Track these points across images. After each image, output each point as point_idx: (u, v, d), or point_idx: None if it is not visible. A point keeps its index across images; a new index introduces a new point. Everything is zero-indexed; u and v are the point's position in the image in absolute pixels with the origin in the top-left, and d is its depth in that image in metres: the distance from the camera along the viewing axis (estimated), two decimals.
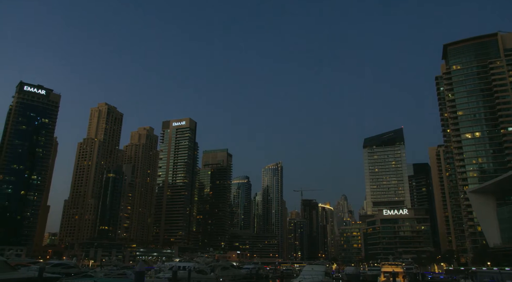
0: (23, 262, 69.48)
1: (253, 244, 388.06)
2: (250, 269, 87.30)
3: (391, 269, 75.56)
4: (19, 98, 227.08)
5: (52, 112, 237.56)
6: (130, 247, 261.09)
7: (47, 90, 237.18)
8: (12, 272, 30.22)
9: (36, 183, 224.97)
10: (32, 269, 45.21)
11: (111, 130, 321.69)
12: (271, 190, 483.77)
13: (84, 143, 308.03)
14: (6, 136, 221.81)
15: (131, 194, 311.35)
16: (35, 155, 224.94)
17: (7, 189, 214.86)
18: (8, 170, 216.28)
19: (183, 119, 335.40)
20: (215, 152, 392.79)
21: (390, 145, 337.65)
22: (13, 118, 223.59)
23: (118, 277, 47.04)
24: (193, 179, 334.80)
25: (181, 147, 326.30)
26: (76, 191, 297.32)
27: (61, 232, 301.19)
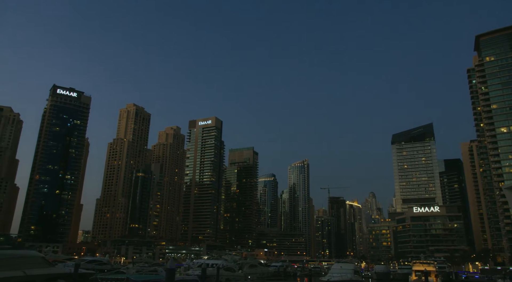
0: (59, 258, 72.08)
1: (280, 242, 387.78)
2: (278, 267, 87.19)
3: (423, 268, 73.75)
4: (52, 101, 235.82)
5: (84, 113, 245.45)
6: (159, 244, 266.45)
7: (78, 93, 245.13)
8: (50, 268, 31.37)
9: (70, 183, 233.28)
10: (68, 265, 46.86)
11: (139, 130, 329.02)
12: (297, 188, 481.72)
13: (114, 143, 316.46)
14: (42, 137, 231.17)
15: (160, 193, 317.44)
16: (69, 156, 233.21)
17: (43, 189, 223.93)
18: (44, 170, 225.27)
19: (209, 118, 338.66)
20: (241, 150, 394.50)
21: (420, 141, 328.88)
22: (48, 120, 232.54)
23: (150, 273, 48.07)
24: (219, 178, 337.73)
25: (208, 146, 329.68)
26: (107, 190, 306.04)
27: (94, 229, 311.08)
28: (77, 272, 33.85)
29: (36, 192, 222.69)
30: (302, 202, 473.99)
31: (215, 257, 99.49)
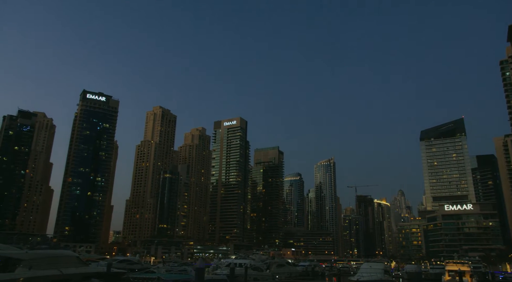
0: (92, 258, 74.14)
1: (307, 241, 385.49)
2: (306, 266, 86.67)
3: (456, 267, 71.49)
4: (83, 105, 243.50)
5: (112, 117, 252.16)
6: (187, 244, 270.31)
7: (106, 97, 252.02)
8: (85, 267, 32.46)
9: (101, 185, 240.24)
10: (101, 264, 48.25)
11: (166, 132, 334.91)
12: (324, 187, 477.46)
13: (141, 146, 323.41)
14: (73, 141, 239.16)
15: (187, 194, 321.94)
16: (99, 158, 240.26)
17: (75, 191, 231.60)
18: (76, 173, 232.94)
19: (234, 119, 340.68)
20: (267, 150, 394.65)
21: (450, 137, 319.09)
22: (78, 124, 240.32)
23: (179, 273, 48.80)
24: (245, 177, 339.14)
25: (233, 146, 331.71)
26: (136, 191, 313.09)
27: (124, 230, 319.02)
28: (110, 271, 34.86)
29: (69, 194, 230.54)
30: (328, 201, 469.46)
31: (242, 256, 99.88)
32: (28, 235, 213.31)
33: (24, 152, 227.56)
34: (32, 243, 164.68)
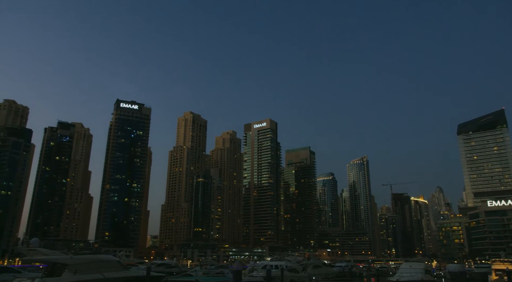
0: (132, 262, 76.18)
1: (343, 242, 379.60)
2: (343, 267, 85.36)
3: (504, 266, 68.15)
4: (117, 114, 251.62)
5: (145, 124, 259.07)
6: (223, 247, 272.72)
7: (139, 105, 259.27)
8: (125, 271, 33.51)
9: (137, 191, 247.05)
10: (141, 268, 49.49)
11: (197, 137, 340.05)
12: (358, 186, 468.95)
13: (174, 151, 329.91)
14: (109, 149, 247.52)
15: (220, 197, 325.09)
16: (134, 165, 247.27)
17: (113, 197, 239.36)
18: (113, 180, 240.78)
19: (264, 121, 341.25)
20: (298, 150, 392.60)
21: (490, 129, 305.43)
22: (113, 133, 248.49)
23: (217, 275, 49.30)
24: (277, 179, 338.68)
25: (264, 148, 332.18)
26: (171, 196, 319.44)
27: (161, 234, 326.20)
28: (149, 275, 35.75)
29: (108, 200, 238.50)
30: (363, 200, 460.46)
31: (278, 258, 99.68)
32: (72, 241, 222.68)
33: (65, 161, 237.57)
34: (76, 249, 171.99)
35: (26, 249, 34.71)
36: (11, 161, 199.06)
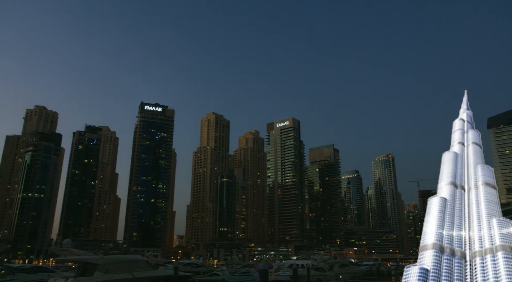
0: (160, 262, 77.60)
1: (370, 240, 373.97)
2: (370, 266, 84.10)
3: None
4: (141, 117, 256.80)
5: (169, 126, 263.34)
6: (248, 246, 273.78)
7: (163, 107, 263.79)
8: (153, 271, 34.25)
9: (162, 191, 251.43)
10: (168, 268, 50.37)
11: (220, 137, 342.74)
12: (383, 183, 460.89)
13: (198, 152, 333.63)
14: (135, 152, 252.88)
15: (245, 196, 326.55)
16: (159, 167, 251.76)
17: (140, 198, 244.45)
18: (139, 181, 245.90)
19: (286, 119, 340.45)
20: (321, 148, 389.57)
21: None
22: (138, 135, 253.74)
23: (243, 275, 49.57)
24: (301, 178, 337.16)
25: (287, 147, 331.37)
26: (196, 196, 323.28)
27: (187, 234, 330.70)
28: (177, 274, 36.36)
29: (134, 201, 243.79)
30: (389, 197, 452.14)
31: (303, 257, 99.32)
32: (102, 241, 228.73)
33: (93, 164, 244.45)
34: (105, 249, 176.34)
35: (60, 250, 35.97)
36: (43, 165, 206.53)
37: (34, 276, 37.86)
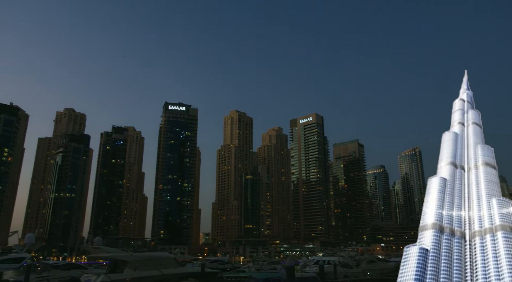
0: (187, 259, 78.80)
1: (397, 236, 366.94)
2: (398, 262, 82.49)
3: None
4: (166, 117, 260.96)
5: (193, 125, 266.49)
6: (274, 243, 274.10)
7: (186, 106, 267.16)
8: (181, 268, 34.89)
9: (188, 190, 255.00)
10: (195, 265, 51.10)
11: (244, 135, 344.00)
12: (410, 178, 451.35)
13: (222, 150, 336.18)
14: (160, 151, 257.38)
15: (269, 193, 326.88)
16: (184, 165, 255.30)
17: (166, 197, 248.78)
18: (165, 180, 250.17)
19: (309, 115, 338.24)
20: (346, 144, 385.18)
21: None
22: (163, 135, 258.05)
23: (270, 271, 49.73)
24: (326, 174, 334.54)
25: (311, 143, 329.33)
26: (221, 194, 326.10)
27: (212, 231, 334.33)
28: (204, 271, 36.88)
29: (161, 200, 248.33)
30: (417, 192, 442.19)
31: (330, 253, 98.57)
32: (130, 239, 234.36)
33: (120, 164, 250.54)
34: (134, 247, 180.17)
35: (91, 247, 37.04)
36: (73, 166, 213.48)
37: (68, 272, 39.23)
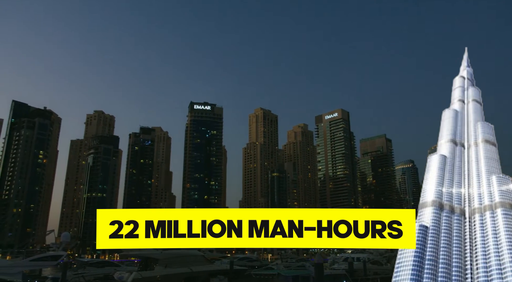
0: (215, 256, 79.70)
1: None
2: None
3: None
4: (191, 116, 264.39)
5: (218, 123, 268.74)
6: None
7: (211, 105, 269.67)
8: (210, 265, 35.29)
9: (215, 188, 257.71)
10: (224, 262, 51.62)
11: (269, 132, 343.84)
12: None
13: (247, 148, 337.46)
14: (187, 150, 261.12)
15: (296, 190, 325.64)
16: (210, 164, 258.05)
17: (194, 195, 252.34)
18: (193, 179, 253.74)
19: (335, 111, 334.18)
20: (373, 139, 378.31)
21: None
22: (190, 134, 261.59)
23: (298, 269, 49.58)
24: (353, 170, 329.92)
25: (337, 139, 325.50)
26: (247, 191, 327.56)
27: None
28: (233, 268, 37.15)
29: (189, 198, 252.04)
30: None
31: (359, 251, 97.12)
32: None
33: (148, 164, 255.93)
34: None
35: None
36: (104, 166, 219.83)
37: (102, 270, 40.50)
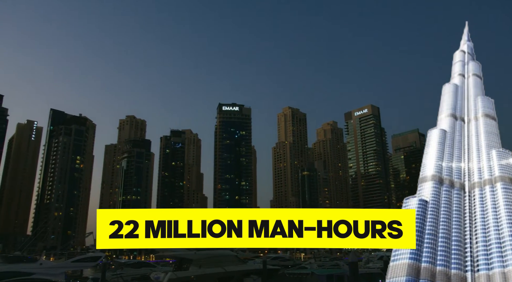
0: (248, 256, 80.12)
1: None
2: None
3: None
4: (220, 117, 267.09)
5: (247, 124, 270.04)
6: None
7: (239, 106, 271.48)
8: (243, 265, 35.51)
9: (246, 188, 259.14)
10: (257, 262, 51.76)
11: (298, 131, 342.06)
12: None
13: (277, 147, 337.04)
14: (217, 151, 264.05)
15: (327, 189, 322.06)
16: (240, 164, 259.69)
17: (225, 196, 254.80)
18: (223, 180, 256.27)
19: (365, 107, 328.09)
20: (405, 134, 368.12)
21: None
22: (219, 135, 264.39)
23: (332, 268, 49.04)
24: (385, 166, 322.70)
25: (367, 136, 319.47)
26: (278, 191, 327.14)
27: None
28: (266, 268, 37.20)
29: (220, 199, 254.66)
30: None
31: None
32: None
33: (180, 166, 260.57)
34: None
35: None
36: (137, 170, 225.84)
37: (138, 270, 41.61)
